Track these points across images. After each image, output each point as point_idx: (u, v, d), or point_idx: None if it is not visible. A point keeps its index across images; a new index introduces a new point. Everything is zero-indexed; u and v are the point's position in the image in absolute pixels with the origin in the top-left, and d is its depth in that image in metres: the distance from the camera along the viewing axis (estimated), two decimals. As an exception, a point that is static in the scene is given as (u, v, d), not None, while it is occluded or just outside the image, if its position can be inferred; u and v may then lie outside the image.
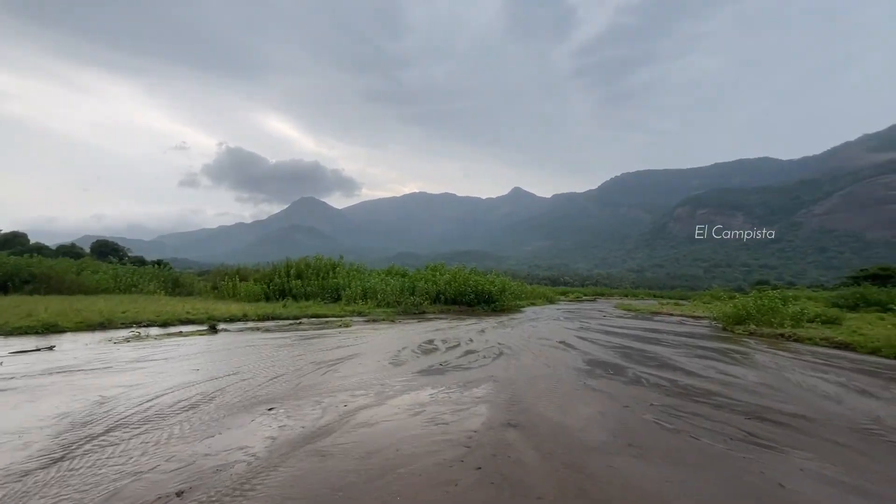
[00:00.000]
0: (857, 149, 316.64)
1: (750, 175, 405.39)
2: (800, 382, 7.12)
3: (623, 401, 5.69)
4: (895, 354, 10.40)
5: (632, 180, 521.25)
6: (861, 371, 8.46)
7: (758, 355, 10.24)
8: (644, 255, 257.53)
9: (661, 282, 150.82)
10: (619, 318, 21.99)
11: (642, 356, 9.61)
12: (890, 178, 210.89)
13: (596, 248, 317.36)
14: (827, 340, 12.87)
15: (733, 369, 8.21)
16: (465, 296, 25.60)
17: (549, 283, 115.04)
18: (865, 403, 5.83)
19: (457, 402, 5.35)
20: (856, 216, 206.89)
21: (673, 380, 7.10)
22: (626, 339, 13.02)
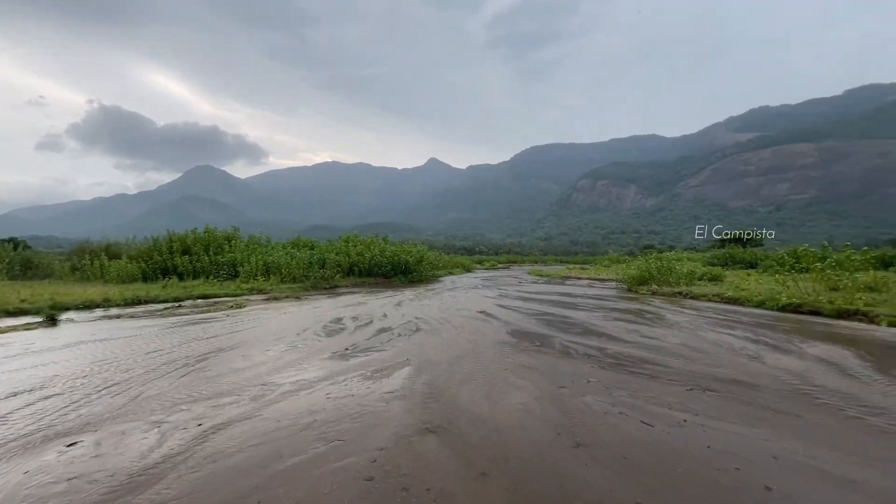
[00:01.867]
0: (723, 129, 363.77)
1: (642, 151, 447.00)
2: (716, 341, 7.09)
3: (558, 379, 4.96)
4: (776, 306, 11.34)
5: (541, 153, 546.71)
6: (759, 325, 8.88)
7: (668, 314, 10.48)
8: (552, 224, 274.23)
9: (566, 248, 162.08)
10: (534, 284, 22.31)
11: (564, 323, 9.23)
12: (747, 156, 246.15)
13: (509, 219, 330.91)
14: (718, 296, 13.87)
15: (653, 331, 8.08)
16: (381, 267, 24.22)
17: (466, 252, 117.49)
18: (782, 361, 5.78)
19: (362, 403, 4.17)
20: (722, 188, 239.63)
21: (601, 348, 6.63)
22: (545, 304, 12.81)
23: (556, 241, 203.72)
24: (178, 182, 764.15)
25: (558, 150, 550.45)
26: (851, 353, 6.11)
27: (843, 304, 10.20)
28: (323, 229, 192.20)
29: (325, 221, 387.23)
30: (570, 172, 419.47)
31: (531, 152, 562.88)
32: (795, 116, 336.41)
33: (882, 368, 5.35)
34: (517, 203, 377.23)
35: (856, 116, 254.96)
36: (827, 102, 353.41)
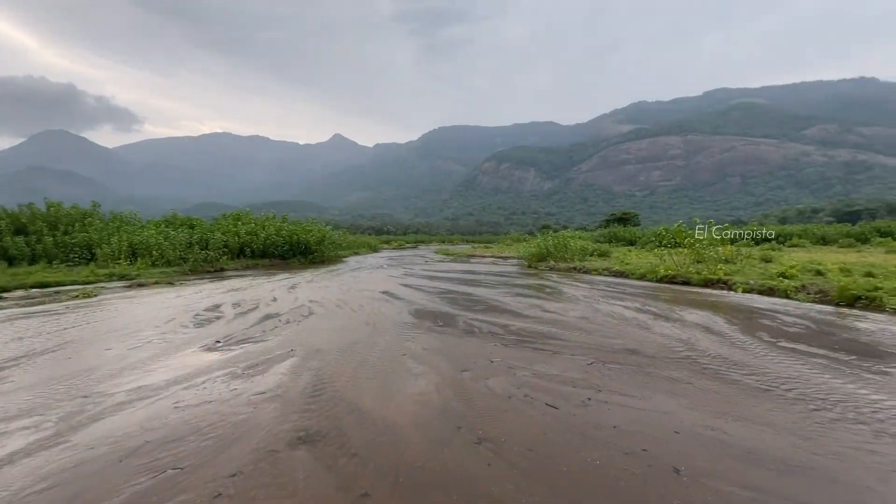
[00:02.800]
0: (609, 120, 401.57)
1: (540, 136, 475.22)
2: (610, 313, 7.36)
3: (460, 362, 4.57)
4: (655, 278, 12.47)
5: (448, 134, 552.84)
6: (644, 295, 9.56)
7: (565, 289, 10.89)
8: (458, 204, 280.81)
9: (472, 228, 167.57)
10: (440, 263, 22.22)
11: (469, 300, 9.02)
12: (628, 145, 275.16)
13: (417, 199, 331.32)
14: (607, 270, 14.95)
15: (553, 305, 8.20)
16: (277, 248, 22.20)
17: (374, 232, 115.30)
18: (668, 329, 6.10)
19: (221, 411, 3.33)
20: (607, 174, 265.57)
21: (504, 325, 6.45)
22: (450, 282, 12.60)
23: (462, 221, 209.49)
24: (21, 149, 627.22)
25: (465, 132, 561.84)
26: (721, 319, 6.71)
27: (707, 274, 11.51)
28: (211, 207, 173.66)
29: (214, 198, 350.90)
30: (475, 154, 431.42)
31: (439, 132, 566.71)
32: (666, 112, 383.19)
33: (746, 331, 5.89)
34: (425, 183, 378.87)
35: (710, 115, 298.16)
36: (690, 101, 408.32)
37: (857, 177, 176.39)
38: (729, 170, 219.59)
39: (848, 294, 8.01)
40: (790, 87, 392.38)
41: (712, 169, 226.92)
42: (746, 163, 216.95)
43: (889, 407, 3.31)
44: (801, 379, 3.95)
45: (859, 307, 7.66)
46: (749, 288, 9.97)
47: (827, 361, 4.48)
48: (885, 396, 3.53)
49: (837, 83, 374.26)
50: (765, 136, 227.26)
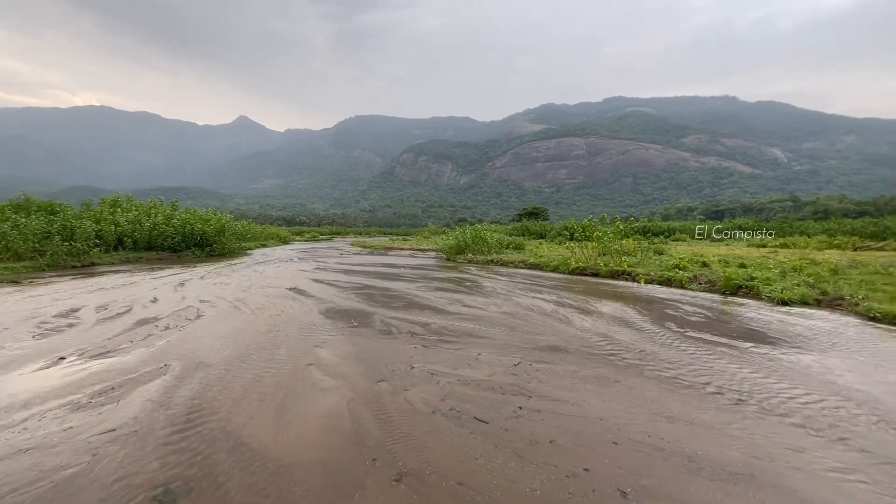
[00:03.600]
0: (522, 119, 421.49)
1: (458, 130, 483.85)
2: (530, 306, 7.29)
3: (377, 370, 4.01)
4: (567, 270, 12.96)
5: (365, 123, 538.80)
6: (559, 287, 9.77)
7: (485, 282, 10.78)
8: (376, 195, 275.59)
9: (390, 220, 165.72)
10: (357, 256, 21.23)
11: (386, 296, 8.44)
12: (538, 144, 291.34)
13: (332, 189, 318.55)
14: (523, 263, 15.29)
15: (474, 300, 7.94)
16: (166, 239, 19.47)
17: (285, 223, 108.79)
18: (587, 322, 6.12)
19: (39, 465, 2.41)
20: (519, 170, 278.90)
21: (425, 323, 6.00)
22: (367, 276, 11.87)
23: (380, 212, 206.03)
24: None
25: (383, 123, 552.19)
26: (633, 310, 6.95)
27: (614, 266, 12.20)
28: (85, 192, 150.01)
29: (92, 182, 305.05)
30: (393, 145, 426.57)
31: (356, 122, 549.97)
32: (571, 115, 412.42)
33: (657, 321, 6.12)
34: (341, 173, 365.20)
35: (609, 120, 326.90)
36: (592, 106, 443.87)
37: (721, 181, 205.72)
38: (623, 171, 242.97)
39: (731, 284, 8.89)
40: (672, 100, 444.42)
41: (610, 169, 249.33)
42: (638, 165, 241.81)
43: (797, 396, 3.45)
44: (715, 371, 4.04)
45: (741, 295, 8.52)
46: (650, 279, 10.70)
47: (730, 350, 4.71)
48: (788, 384, 3.70)
49: (707, 99, 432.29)
50: (652, 142, 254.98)
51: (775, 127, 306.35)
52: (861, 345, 4.95)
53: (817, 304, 7.30)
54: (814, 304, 7.33)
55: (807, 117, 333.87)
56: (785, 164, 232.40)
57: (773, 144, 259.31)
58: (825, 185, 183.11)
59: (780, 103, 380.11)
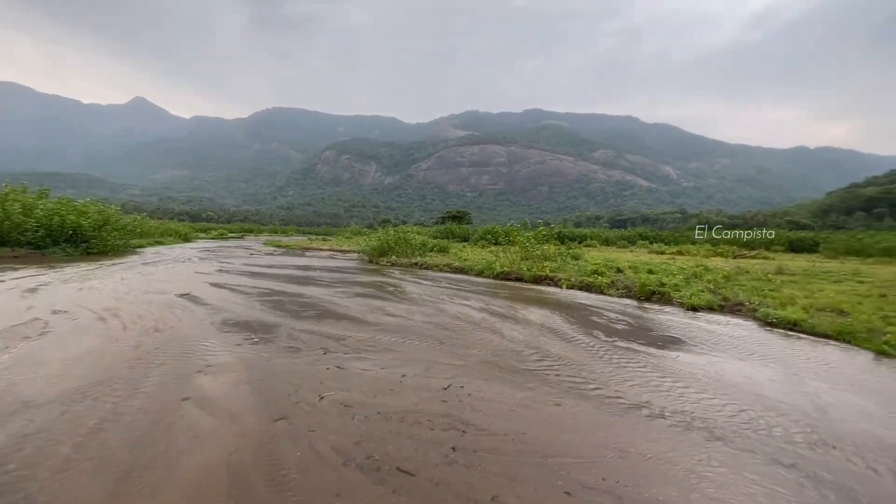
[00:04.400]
0: (448, 124, 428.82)
1: (383, 130, 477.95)
2: (458, 314, 6.84)
3: (274, 404, 3.22)
4: (492, 274, 12.85)
5: (285, 116, 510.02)
6: (486, 293, 9.50)
7: (409, 286, 10.19)
8: (295, 193, 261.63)
9: (309, 219, 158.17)
10: (270, 256, 19.46)
11: (299, 303, 7.49)
12: (462, 149, 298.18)
13: (246, 183, 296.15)
14: (448, 266, 14.96)
15: (397, 308, 7.31)
16: (25, 233, 16.16)
17: (190, 219, 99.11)
18: (517, 332, 5.81)
19: None
20: (443, 173, 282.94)
21: (341, 336, 5.26)
22: (278, 280, 10.67)
23: (298, 211, 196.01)
24: None
25: (304, 116, 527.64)
26: (560, 318, 6.82)
27: (537, 271, 12.31)
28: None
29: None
30: (315, 141, 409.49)
31: (274, 113, 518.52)
32: (494, 123, 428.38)
33: (585, 330, 6.00)
34: (257, 167, 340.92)
35: (528, 131, 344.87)
36: (513, 116, 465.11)
37: (624, 192, 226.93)
38: (540, 179, 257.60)
39: (646, 290, 9.28)
40: (584, 116, 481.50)
41: (528, 177, 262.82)
42: (553, 175, 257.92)
43: (736, 413, 3.34)
44: (651, 386, 3.87)
45: (655, 300, 8.90)
46: (572, 284, 10.89)
47: (659, 361, 4.64)
48: (725, 401, 3.61)
49: (613, 118, 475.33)
50: (566, 154, 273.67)
51: (668, 147, 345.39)
52: (770, 349, 5.20)
53: (721, 310, 7.79)
54: (718, 309, 7.81)
55: (693, 140, 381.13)
56: (675, 181, 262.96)
57: (667, 162, 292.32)
58: (706, 200, 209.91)
59: (673, 126, 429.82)
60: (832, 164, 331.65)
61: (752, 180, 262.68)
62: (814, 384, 3.99)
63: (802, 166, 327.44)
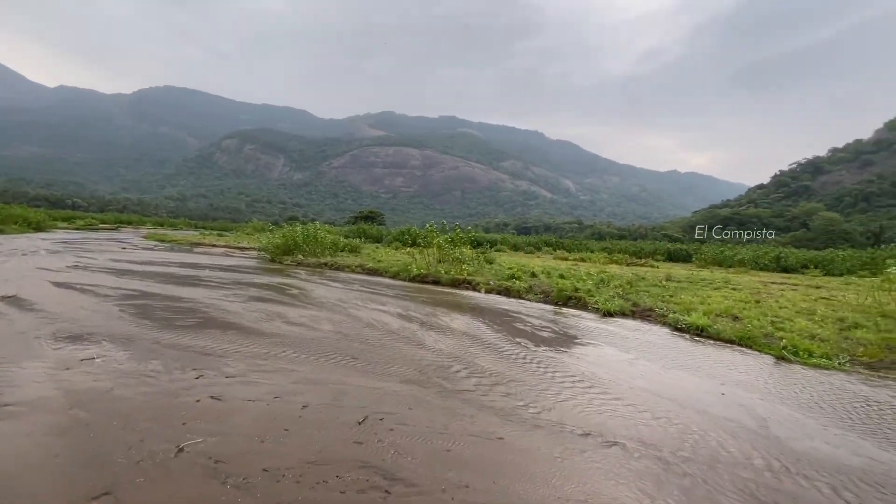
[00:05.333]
0: (363, 123, 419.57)
1: (293, 123, 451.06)
2: (372, 322, 6.01)
3: (101, 463, 2.17)
4: (409, 276, 12.16)
5: (179, 97, 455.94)
6: (403, 297, 8.76)
7: (316, 289, 9.06)
8: (188, 182, 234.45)
9: (204, 212, 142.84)
10: (148, 252, 16.64)
11: (173, 309, 6.05)
12: (377, 149, 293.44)
13: (126, 169, 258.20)
14: (361, 267, 13.94)
15: (300, 314, 6.25)
16: None
17: (49, 205, 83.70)
18: (441, 342, 5.18)
19: None
20: (357, 172, 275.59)
21: (223, 353, 4.14)
22: (152, 280, 8.83)
23: (192, 203, 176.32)
24: None
25: (202, 99, 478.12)
26: (484, 325, 6.34)
27: (455, 274, 11.87)
28: None
29: None
30: (214, 127, 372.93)
31: (165, 92, 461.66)
32: (410, 126, 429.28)
33: (511, 339, 5.57)
34: (141, 151, 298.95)
35: (443, 137, 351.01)
36: (429, 121, 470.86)
37: (529, 202, 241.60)
38: (454, 185, 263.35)
39: (563, 295, 9.29)
40: (495, 127, 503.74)
41: (442, 182, 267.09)
42: (465, 181, 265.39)
43: (713, 446, 3.03)
44: (594, 407, 3.47)
45: (571, 305, 8.91)
46: (490, 288, 10.62)
47: (595, 374, 4.33)
48: (689, 427, 3.32)
49: (522, 131, 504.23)
50: (478, 162, 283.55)
51: (568, 162, 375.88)
52: (692, 358, 5.21)
53: (633, 315, 7.99)
54: (630, 314, 8.00)
55: (589, 157, 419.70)
56: (574, 194, 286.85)
57: (567, 176, 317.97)
58: (599, 213, 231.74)
59: (572, 143, 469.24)
60: (697, 187, 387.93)
61: (636, 197, 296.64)
62: (745, 395, 3.93)
63: (674, 187, 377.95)
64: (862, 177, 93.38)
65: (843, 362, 5.05)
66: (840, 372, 4.82)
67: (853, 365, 5.06)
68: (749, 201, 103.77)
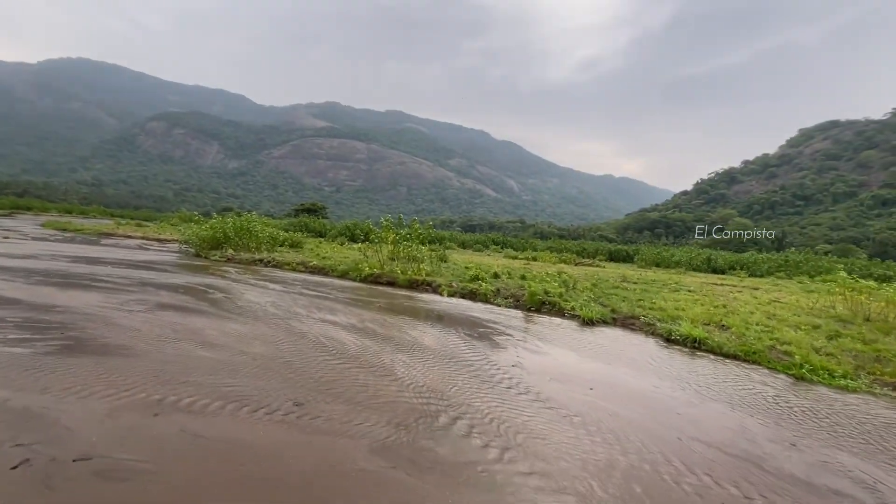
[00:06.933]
0: (305, 112, 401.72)
1: (228, 108, 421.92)
2: (322, 340, 4.65)
3: None
4: (359, 277, 10.76)
5: (95, 71, 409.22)
6: (356, 303, 7.41)
7: (247, 292, 7.45)
8: (105, 167, 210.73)
9: (124, 200, 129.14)
10: (39, 242, 13.79)
11: (33, 323, 4.31)
12: (321, 141, 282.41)
13: (30, 147, 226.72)
14: (303, 265, 12.28)
15: (221, 330, 4.75)
16: None
17: (-82, 185, 71.36)
18: (415, 371, 3.97)
19: None
20: (299, 163, 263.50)
21: (90, 393, 2.68)
22: (23, 280, 6.77)
23: (110, 189, 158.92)
24: None
25: (123, 75, 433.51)
26: (459, 340, 5.21)
27: (412, 274, 10.64)
28: None
29: None
30: (137, 108, 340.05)
31: (78, 64, 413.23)
32: (356, 118, 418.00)
33: (497, 359, 4.48)
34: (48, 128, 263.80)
35: (389, 131, 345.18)
36: (375, 115, 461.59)
37: (475, 200, 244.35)
38: (400, 180, 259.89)
39: (536, 300, 8.40)
40: (442, 125, 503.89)
41: (388, 177, 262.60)
42: (412, 177, 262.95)
43: None
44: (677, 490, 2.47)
45: (545, 311, 8.05)
46: (454, 291, 9.50)
47: (634, 421, 3.35)
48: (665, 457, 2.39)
49: (468, 130, 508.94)
50: (425, 158, 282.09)
51: (512, 163, 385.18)
52: (714, 381, 4.43)
53: (614, 323, 7.25)
54: (611, 322, 7.26)
55: (531, 159, 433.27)
56: (517, 193, 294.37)
57: (510, 176, 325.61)
58: (541, 213, 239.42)
59: (516, 144, 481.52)
60: (629, 191, 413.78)
61: (575, 199, 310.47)
62: (818, 447, 3.12)
63: (609, 190, 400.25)
64: (768, 187, 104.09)
65: (867, 383, 4.52)
66: (869, 395, 4.26)
67: (877, 385, 4.54)
68: (675, 206, 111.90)
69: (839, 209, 77.88)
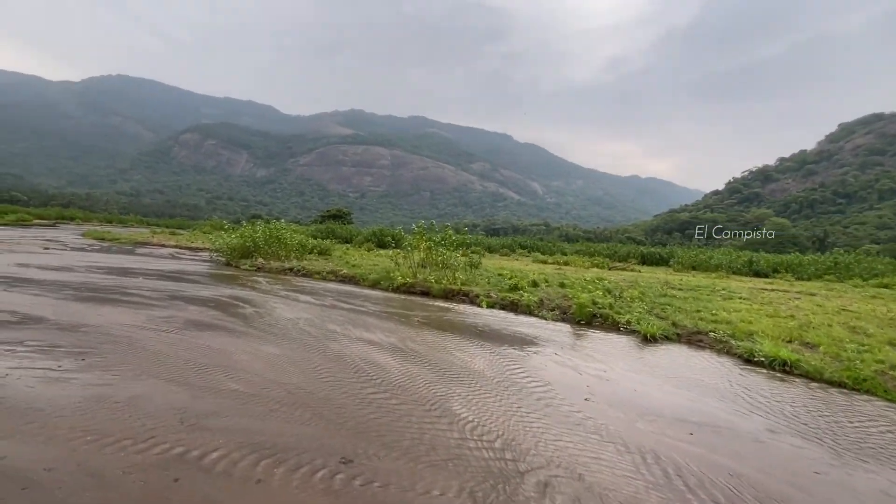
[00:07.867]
0: (330, 120, 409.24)
1: (257, 118, 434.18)
2: (360, 363, 4.13)
3: None
4: (392, 286, 10.28)
5: (133, 87, 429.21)
6: (391, 317, 6.90)
7: (279, 307, 7.05)
8: (143, 177, 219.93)
9: (160, 209, 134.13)
10: (77, 253, 13.96)
11: (47, 347, 3.98)
12: (346, 148, 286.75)
13: (74, 161, 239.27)
14: (333, 274, 11.92)
15: (252, 353, 4.29)
16: None
17: (-24, 198, 75.63)
18: (476, 407, 3.39)
19: None
20: (324, 171, 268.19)
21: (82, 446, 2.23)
22: (53, 294, 6.57)
23: (146, 199, 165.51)
24: None
25: (158, 90, 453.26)
26: (515, 365, 4.60)
27: (447, 283, 10.07)
28: None
29: None
30: (172, 121, 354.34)
31: (118, 81, 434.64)
32: (380, 125, 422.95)
33: (568, 392, 3.85)
34: (91, 143, 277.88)
35: (412, 136, 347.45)
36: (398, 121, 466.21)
37: (498, 204, 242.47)
38: (423, 185, 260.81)
39: (586, 312, 7.70)
40: (464, 129, 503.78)
41: (411, 182, 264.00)
42: (434, 181, 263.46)
43: None
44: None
45: (597, 325, 7.33)
46: (493, 302, 8.88)
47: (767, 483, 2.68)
48: None
49: (490, 134, 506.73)
50: (447, 163, 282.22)
51: (536, 165, 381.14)
52: (855, 431, 3.68)
53: (678, 339, 6.49)
54: (675, 338, 6.49)
55: (556, 161, 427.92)
56: (541, 196, 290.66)
57: (534, 179, 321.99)
58: (565, 215, 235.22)
59: (540, 147, 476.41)
60: (657, 192, 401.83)
61: (600, 200, 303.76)
62: None
63: (635, 191, 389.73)
64: (806, 185, 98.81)
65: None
66: None
67: None
68: (706, 206, 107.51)
69: (885, 207, 72.80)
